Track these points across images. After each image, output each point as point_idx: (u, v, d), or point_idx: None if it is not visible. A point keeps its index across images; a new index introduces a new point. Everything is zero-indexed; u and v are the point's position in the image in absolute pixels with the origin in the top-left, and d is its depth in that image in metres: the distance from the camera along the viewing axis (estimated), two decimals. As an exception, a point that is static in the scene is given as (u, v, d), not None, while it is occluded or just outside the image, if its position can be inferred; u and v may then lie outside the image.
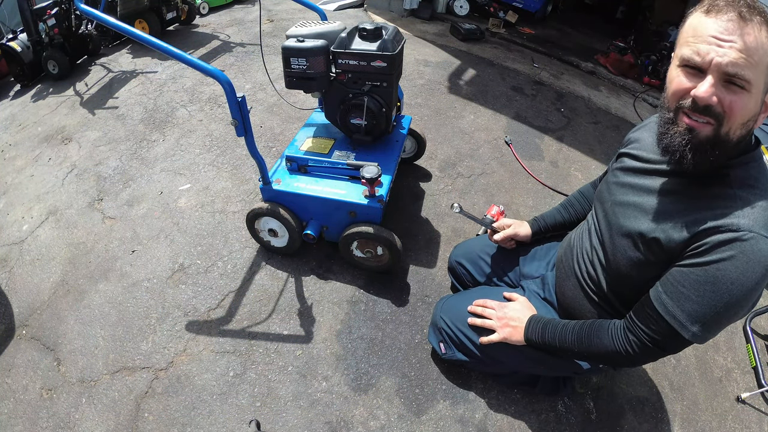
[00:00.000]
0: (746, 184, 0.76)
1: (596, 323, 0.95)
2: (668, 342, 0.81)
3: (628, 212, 0.91)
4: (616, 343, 0.88)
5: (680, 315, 0.77)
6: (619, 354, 0.87)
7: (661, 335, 0.81)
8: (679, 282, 0.77)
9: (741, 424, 1.52)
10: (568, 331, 0.99)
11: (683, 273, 0.77)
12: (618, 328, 0.89)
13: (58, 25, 3.64)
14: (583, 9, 6.70)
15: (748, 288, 0.72)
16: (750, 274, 0.71)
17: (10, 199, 2.39)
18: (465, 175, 2.46)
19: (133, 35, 1.31)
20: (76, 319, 1.69)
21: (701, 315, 0.75)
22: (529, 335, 1.08)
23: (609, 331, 0.90)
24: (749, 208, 0.72)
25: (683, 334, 0.77)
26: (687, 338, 0.77)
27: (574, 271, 1.11)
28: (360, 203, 1.59)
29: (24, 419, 1.41)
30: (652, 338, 0.82)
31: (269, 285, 1.78)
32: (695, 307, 0.75)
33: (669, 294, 0.79)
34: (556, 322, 1.04)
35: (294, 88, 1.67)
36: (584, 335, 0.95)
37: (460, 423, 1.40)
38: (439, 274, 1.86)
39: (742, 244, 0.70)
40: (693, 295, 0.75)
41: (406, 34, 4.31)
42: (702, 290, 0.74)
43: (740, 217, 0.72)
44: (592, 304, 1.06)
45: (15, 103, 3.56)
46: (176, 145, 2.63)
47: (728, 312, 0.75)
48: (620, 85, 4.06)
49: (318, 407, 1.42)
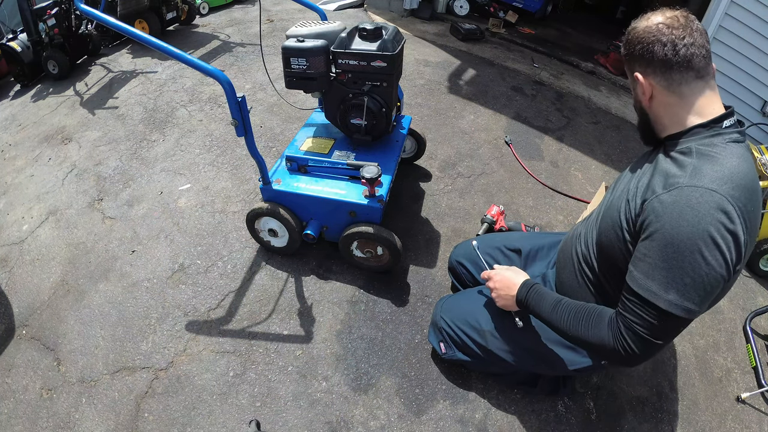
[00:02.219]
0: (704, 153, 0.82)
1: (597, 310, 0.92)
2: (657, 323, 0.79)
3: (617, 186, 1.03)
4: (615, 338, 0.85)
5: (653, 286, 0.79)
6: (615, 350, 0.85)
7: (647, 317, 0.80)
8: (645, 255, 0.81)
9: (741, 424, 1.52)
10: (565, 310, 0.96)
11: (646, 245, 0.81)
12: (616, 322, 0.86)
13: (58, 25, 3.64)
14: (583, 9, 6.71)
15: (705, 237, 0.74)
16: (701, 221, 0.74)
17: (10, 199, 2.39)
18: (465, 175, 2.46)
19: (133, 35, 1.31)
20: (76, 319, 1.69)
21: (673, 281, 0.77)
22: (523, 297, 1.06)
23: (610, 323, 0.87)
24: (696, 170, 0.79)
25: (660, 304, 0.77)
26: (665, 308, 0.77)
27: (572, 257, 1.13)
28: (360, 203, 1.59)
29: (24, 419, 1.41)
30: (641, 324, 0.81)
31: (269, 285, 1.78)
32: (665, 273, 0.77)
33: (639, 269, 0.82)
34: (552, 296, 1.01)
35: (294, 88, 1.67)
36: (582, 320, 0.92)
37: (460, 423, 1.40)
38: (439, 274, 1.86)
39: (686, 198, 0.77)
40: (659, 262, 0.78)
41: (406, 34, 4.31)
42: (664, 254, 0.77)
43: (685, 176, 0.80)
44: (587, 287, 1.07)
45: (15, 103, 3.56)
46: (176, 145, 2.63)
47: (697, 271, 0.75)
48: (620, 85, 4.06)
49: (318, 407, 1.42)
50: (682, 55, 0.83)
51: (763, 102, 3.15)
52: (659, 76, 0.87)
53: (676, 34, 0.83)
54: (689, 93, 0.86)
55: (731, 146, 0.82)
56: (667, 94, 0.88)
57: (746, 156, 0.82)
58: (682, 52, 0.83)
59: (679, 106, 0.87)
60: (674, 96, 0.87)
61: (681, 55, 0.83)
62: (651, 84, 0.89)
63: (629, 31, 0.92)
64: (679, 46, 0.83)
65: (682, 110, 0.87)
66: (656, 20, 0.87)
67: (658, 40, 0.85)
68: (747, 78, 3.15)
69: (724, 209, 0.74)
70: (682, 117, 0.88)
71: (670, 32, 0.84)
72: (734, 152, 0.81)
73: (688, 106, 0.87)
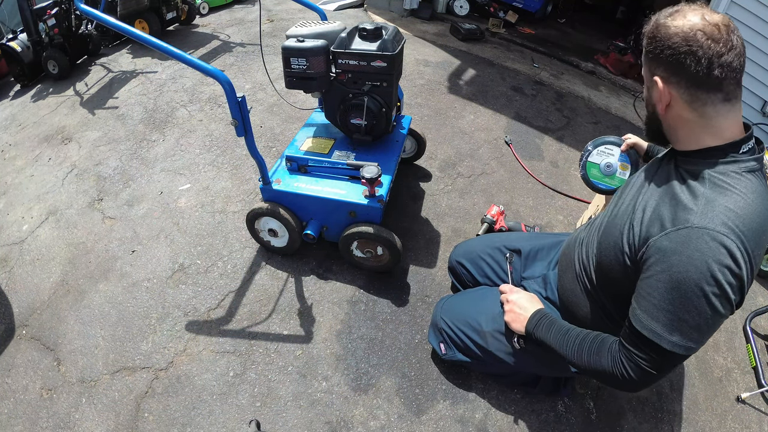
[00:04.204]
0: (718, 184, 0.77)
1: (599, 338, 0.93)
2: (658, 360, 0.80)
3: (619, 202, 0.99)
4: (614, 366, 0.87)
5: (656, 327, 0.78)
6: (615, 377, 0.86)
7: (649, 354, 0.81)
8: (649, 294, 0.79)
9: (741, 424, 1.52)
10: (571, 339, 0.98)
11: (650, 284, 0.79)
12: (617, 351, 0.88)
13: (58, 25, 3.63)
14: (583, 9, 6.70)
15: (711, 282, 0.71)
16: (709, 266, 0.71)
17: (10, 199, 2.39)
18: (465, 175, 2.46)
19: (133, 35, 1.31)
20: (76, 319, 1.69)
21: (676, 323, 0.76)
22: (532, 329, 1.07)
23: (610, 351, 0.89)
24: (709, 206, 0.74)
25: (663, 345, 0.77)
26: (669, 349, 0.77)
27: (574, 264, 1.12)
28: (360, 203, 1.59)
29: (24, 419, 1.41)
30: (643, 359, 0.82)
31: (269, 285, 1.78)
32: (669, 315, 0.76)
33: (643, 308, 0.80)
34: (561, 326, 1.03)
35: (294, 88, 1.67)
36: (585, 349, 0.94)
37: (460, 423, 1.40)
38: (439, 274, 1.86)
39: (696, 241, 0.72)
40: (664, 304, 0.76)
41: (406, 34, 4.31)
42: (670, 297, 0.75)
43: (696, 213, 0.74)
44: (587, 297, 1.07)
45: (15, 103, 3.56)
46: (176, 145, 2.63)
47: (702, 313, 0.74)
48: (620, 85, 4.06)
49: (318, 407, 1.42)
50: (716, 76, 0.73)
51: (763, 102, 3.15)
52: (683, 90, 0.77)
53: (714, 50, 0.72)
54: (712, 114, 0.78)
55: (746, 178, 0.76)
56: (687, 110, 0.79)
57: (760, 190, 0.76)
58: (716, 72, 0.72)
59: (698, 125, 0.80)
60: (695, 113, 0.79)
61: (714, 75, 0.73)
62: (671, 94, 0.79)
63: (657, 27, 0.79)
64: (714, 65, 0.72)
65: (700, 129, 0.80)
66: (693, 21, 0.74)
67: (692, 53, 0.73)
68: (746, 78, 3.14)
69: (732, 255, 0.71)
70: (699, 136, 0.81)
71: (708, 45, 0.72)
72: (748, 186, 0.76)
73: (707, 126, 0.79)
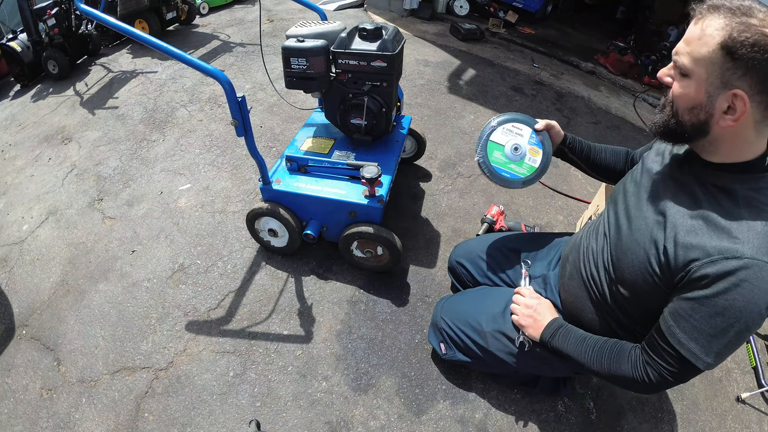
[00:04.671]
0: (753, 204, 0.76)
1: (618, 346, 0.94)
2: (685, 373, 0.83)
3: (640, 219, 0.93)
4: (635, 372, 0.88)
5: (695, 348, 0.79)
6: (636, 382, 0.88)
7: (677, 368, 0.82)
8: (690, 315, 0.79)
9: (741, 424, 1.52)
10: (589, 347, 0.98)
11: (693, 306, 0.78)
12: (638, 358, 0.89)
13: (58, 25, 3.63)
14: (583, 9, 6.70)
15: (755, 315, 0.74)
16: (757, 301, 0.72)
17: (10, 199, 2.39)
18: (465, 175, 2.46)
19: (133, 35, 1.31)
20: (76, 319, 1.69)
21: (714, 346, 0.77)
22: (548, 338, 1.07)
23: (629, 358, 0.90)
24: (752, 232, 0.74)
25: (699, 365, 0.79)
26: (702, 369, 0.80)
27: (580, 271, 1.10)
28: (360, 203, 1.59)
29: (24, 419, 1.41)
30: (670, 371, 0.83)
31: (269, 285, 1.78)
32: (709, 339, 0.77)
33: (682, 328, 0.80)
34: (577, 335, 1.03)
35: (294, 88, 1.67)
36: (604, 356, 0.95)
37: (460, 423, 1.40)
38: (439, 274, 1.86)
39: (746, 273, 0.71)
40: (706, 328, 0.77)
41: (406, 34, 4.31)
42: (713, 322, 0.76)
43: (744, 242, 0.73)
44: (595, 306, 1.05)
45: (15, 103, 3.56)
46: (176, 145, 2.63)
47: (739, 339, 0.77)
48: (620, 85, 4.07)
49: (318, 407, 1.42)
50: None
51: None
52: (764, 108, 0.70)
53: None
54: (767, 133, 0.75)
55: None
56: (749, 128, 0.74)
57: None
58: None
59: (749, 142, 0.75)
60: (754, 132, 0.74)
61: None
62: (745, 112, 0.71)
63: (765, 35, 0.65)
64: None
65: (749, 146, 0.76)
66: None
67: None
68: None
69: None
70: (742, 151, 0.77)
71: None
72: None
73: (755, 144, 0.76)
